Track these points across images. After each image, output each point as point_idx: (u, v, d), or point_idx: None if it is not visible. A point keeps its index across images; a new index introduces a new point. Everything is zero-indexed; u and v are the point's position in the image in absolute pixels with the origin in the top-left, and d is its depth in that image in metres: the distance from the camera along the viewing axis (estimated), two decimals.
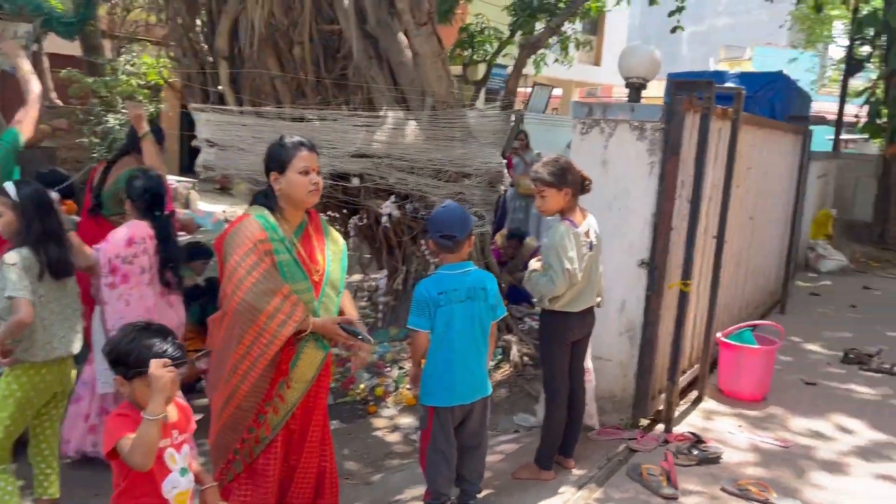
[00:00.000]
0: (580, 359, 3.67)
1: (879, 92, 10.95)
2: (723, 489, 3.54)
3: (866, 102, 11.22)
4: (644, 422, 4.23)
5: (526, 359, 5.18)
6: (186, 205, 11.40)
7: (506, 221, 8.71)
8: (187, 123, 6.97)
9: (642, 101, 4.22)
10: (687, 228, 4.13)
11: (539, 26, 11.14)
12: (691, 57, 36.11)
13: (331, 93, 5.33)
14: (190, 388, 4.46)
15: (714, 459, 3.82)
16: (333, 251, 2.89)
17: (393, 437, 4.32)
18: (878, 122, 10.78)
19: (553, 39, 10.82)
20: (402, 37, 5.11)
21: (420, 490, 3.42)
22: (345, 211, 5.57)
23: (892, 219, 10.90)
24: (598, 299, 3.65)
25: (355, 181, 4.98)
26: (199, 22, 5.65)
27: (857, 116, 11.94)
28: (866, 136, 11.70)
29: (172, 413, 2.30)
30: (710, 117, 4.04)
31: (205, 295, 4.83)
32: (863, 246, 10.73)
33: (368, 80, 5.17)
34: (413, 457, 3.95)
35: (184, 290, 4.81)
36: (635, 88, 4.19)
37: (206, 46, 5.61)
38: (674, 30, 11.59)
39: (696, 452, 3.84)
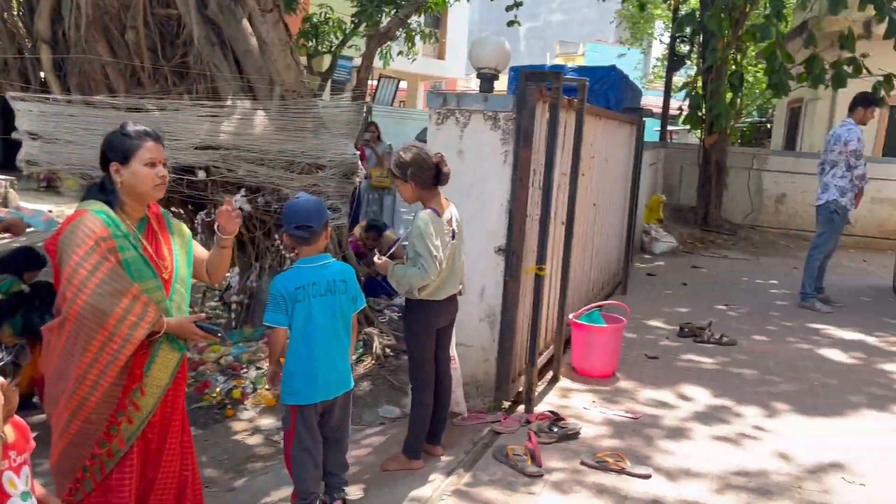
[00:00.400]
0: (445, 347, 3.70)
1: (699, 87, 11.86)
2: (583, 463, 3.70)
3: (687, 96, 12.09)
4: (506, 404, 4.34)
5: (388, 351, 5.16)
6: (5, 204, 10.38)
7: (361, 214, 8.66)
8: (2, 114, 6.32)
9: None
10: (540, 215, 4.26)
11: (384, 19, 11.16)
12: (528, 51, 37.73)
13: (171, 81, 5.03)
14: (23, 403, 4.04)
15: (573, 435, 3.99)
16: (180, 245, 2.71)
17: (254, 440, 4.15)
18: (699, 114, 11.68)
19: (398, 31, 10.86)
20: (246, 23, 4.90)
21: (287, 491, 3.32)
22: (190, 206, 5.27)
23: (713, 203, 11.90)
24: (461, 287, 3.69)
25: (201, 174, 4.72)
26: (14, 2, 5.14)
27: (679, 109, 12.82)
28: (688, 127, 12.62)
29: (9, 433, 2.05)
30: (558, 107, 4.19)
31: (29, 302, 4.39)
32: (689, 228, 11.63)
33: (212, 69, 4.92)
34: (277, 458, 3.81)
35: (5, 298, 4.39)
36: (487, 79, 4.25)
37: (25, 29, 5.11)
38: (511, 23, 11.96)
39: (556, 430, 3.99)
